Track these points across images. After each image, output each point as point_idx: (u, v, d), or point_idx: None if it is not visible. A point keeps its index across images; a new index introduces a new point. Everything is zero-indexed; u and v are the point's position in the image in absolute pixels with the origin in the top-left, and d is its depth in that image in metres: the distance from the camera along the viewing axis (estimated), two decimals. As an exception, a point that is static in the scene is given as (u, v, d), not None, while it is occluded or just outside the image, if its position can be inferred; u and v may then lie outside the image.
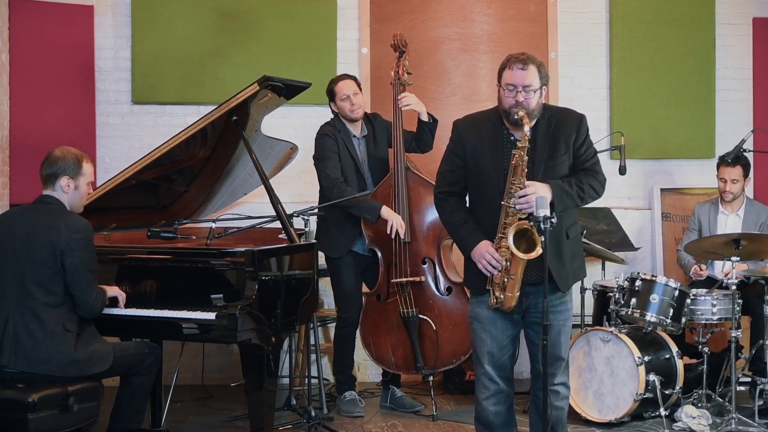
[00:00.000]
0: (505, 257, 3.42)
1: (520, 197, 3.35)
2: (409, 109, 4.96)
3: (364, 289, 5.08)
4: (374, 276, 5.00)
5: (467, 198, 3.68)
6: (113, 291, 3.92)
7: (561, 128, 3.52)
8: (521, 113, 3.37)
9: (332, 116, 5.03)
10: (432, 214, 4.84)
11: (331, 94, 4.97)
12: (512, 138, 3.50)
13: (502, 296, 3.47)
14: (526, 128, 3.37)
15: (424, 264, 4.90)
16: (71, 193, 3.80)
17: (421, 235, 4.90)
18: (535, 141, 3.46)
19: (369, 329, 5.00)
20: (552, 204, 3.36)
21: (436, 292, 4.88)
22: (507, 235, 3.38)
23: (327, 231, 4.94)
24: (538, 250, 3.32)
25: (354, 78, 5.04)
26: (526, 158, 3.39)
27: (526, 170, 3.40)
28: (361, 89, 5.02)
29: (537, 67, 3.45)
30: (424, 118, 4.99)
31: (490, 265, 3.45)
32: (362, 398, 5.10)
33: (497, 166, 3.48)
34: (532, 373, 3.71)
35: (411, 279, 4.86)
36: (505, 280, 3.45)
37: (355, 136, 4.99)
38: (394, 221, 4.76)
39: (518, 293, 3.47)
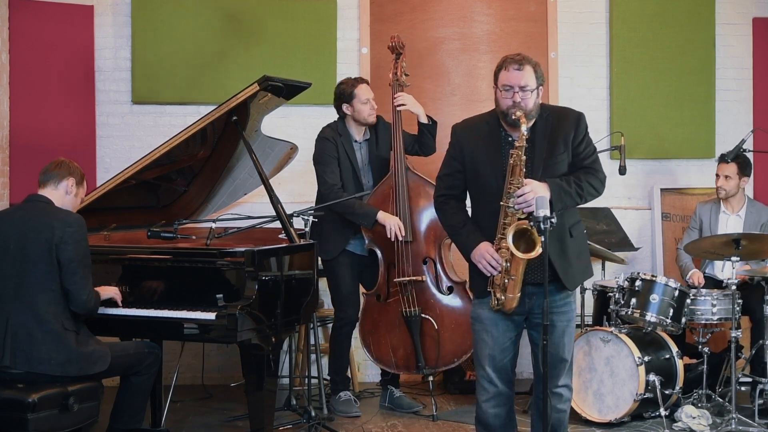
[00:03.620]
0: (505, 258, 3.41)
1: (518, 197, 3.34)
2: (404, 109, 4.93)
3: (362, 289, 5.07)
4: (372, 276, 4.98)
5: (468, 201, 3.67)
6: (109, 292, 3.91)
7: (559, 127, 3.51)
8: (518, 113, 3.37)
9: (337, 118, 4.98)
10: (432, 214, 4.82)
11: (350, 97, 4.89)
12: (510, 139, 3.49)
13: (503, 298, 3.46)
14: (524, 128, 3.35)
15: (425, 263, 4.90)
16: (70, 197, 3.80)
17: (422, 235, 4.90)
18: (534, 140, 3.46)
19: (368, 329, 5.00)
20: (551, 203, 3.34)
21: (437, 292, 4.88)
22: (506, 235, 3.37)
23: (320, 233, 4.87)
24: (538, 250, 3.30)
25: (368, 82, 5.00)
26: (524, 158, 3.37)
27: (524, 170, 3.38)
28: None
29: (533, 67, 3.45)
30: (423, 120, 4.96)
31: (490, 265, 3.44)
32: (362, 398, 5.10)
33: (495, 167, 3.47)
34: (535, 376, 3.69)
35: (413, 278, 4.86)
36: (506, 281, 3.43)
37: (356, 140, 4.97)
38: (392, 224, 4.75)
39: (519, 294, 3.45)
